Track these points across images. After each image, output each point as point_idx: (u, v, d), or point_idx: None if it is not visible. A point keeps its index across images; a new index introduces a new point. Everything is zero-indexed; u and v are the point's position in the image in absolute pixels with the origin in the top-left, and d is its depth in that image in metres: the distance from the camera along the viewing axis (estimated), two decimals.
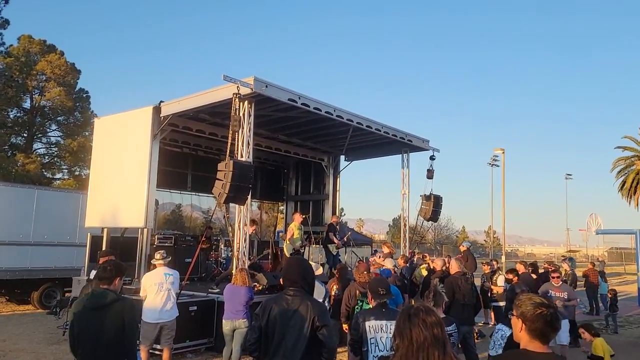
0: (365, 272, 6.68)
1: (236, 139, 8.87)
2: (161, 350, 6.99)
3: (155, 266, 7.20)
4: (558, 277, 7.96)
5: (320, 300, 7.12)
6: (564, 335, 7.37)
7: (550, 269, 11.13)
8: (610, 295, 12.63)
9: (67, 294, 12.90)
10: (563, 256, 18.08)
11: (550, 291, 7.53)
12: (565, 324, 7.21)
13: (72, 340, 3.68)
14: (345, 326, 6.41)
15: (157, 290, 6.75)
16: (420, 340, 2.18)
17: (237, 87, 8.52)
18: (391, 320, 4.08)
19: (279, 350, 3.38)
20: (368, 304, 6.25)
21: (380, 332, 4.26)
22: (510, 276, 10.39)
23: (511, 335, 3.60)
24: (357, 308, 6.38)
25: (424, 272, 10.65)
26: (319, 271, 7.80)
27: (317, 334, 3.36)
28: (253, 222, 11.57)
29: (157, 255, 7.21)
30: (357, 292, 6.46)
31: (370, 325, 4.30)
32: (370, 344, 4.28)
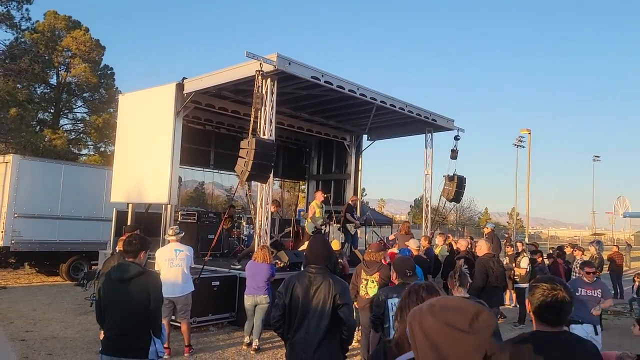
0: (372, 251, 6.71)
1: (259, 117, 8.84)
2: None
3: (169, 241, 7.28)
4: (593, 274, 6.48)
5: None
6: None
7: (578, 256, 10.93)
8: (637, 279, 12.44)
9: (93, 267, 13.26)
10: (599, 240, 17.35)
11: (580, 289, 6.18)
12: (591, 330, 6.05)
13: (99, 311, 3.80)
14: (355, 304, 6.45)
15: (168, 266, 6.84)
16: None
17: (260, 64, 8.46)
18: None
19: (301, 327, 3.41)
20: (373, 282, 6.31)
21: None
22: (536, 257, 10.30)
23: None
24: (362, 287, 6.43)
25: (445, 252, 10.66)
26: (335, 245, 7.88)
27: (337, 312, 3.37)
28: (276, 202, 11.62)
29: (170, 231, 7.30)
30: (362, 271, 6.49)
31: (393, 303, 4.34)
32: (392, 319, 4.33)
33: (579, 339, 2.44)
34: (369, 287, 6.38)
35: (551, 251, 13.10)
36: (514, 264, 10.88)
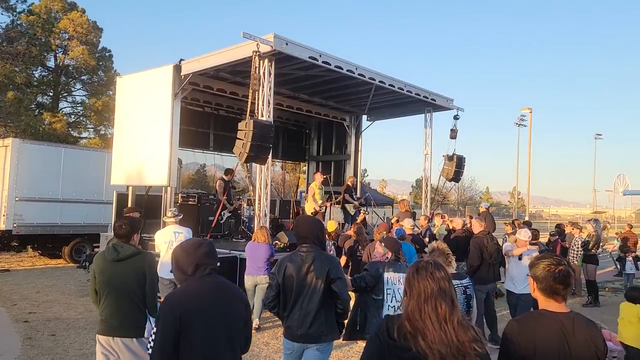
0: (385, 232, 6.80)
1: (256, 98, 8.80)
2: None
3: (167, 223, 7.30)
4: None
5: None
6: None
7: (576, 234, 11.03)
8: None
9: (95, 249, 13.38)
10: (596, 218, 17.54)
11: None
12: None
13: (94, 292, 3.83)
14: None
15: (167, 248, 6.89)
16: (427, 292, 2.16)
17: (257, 44, 8.37)
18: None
19: (296, 304, 3.49)
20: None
21: (397, 283, 4.48)
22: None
23: None
24: None
25: (444, 231, 10.73)
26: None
27: (331, 287, 3.45)
28: (229, 171, 11.63)
29: (169, 213, 7.35)
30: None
31: (389, 276, 4.49)
32: (387, 294, 4.48)
33: (587, 319, 2.44)
34: None
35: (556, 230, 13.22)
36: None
